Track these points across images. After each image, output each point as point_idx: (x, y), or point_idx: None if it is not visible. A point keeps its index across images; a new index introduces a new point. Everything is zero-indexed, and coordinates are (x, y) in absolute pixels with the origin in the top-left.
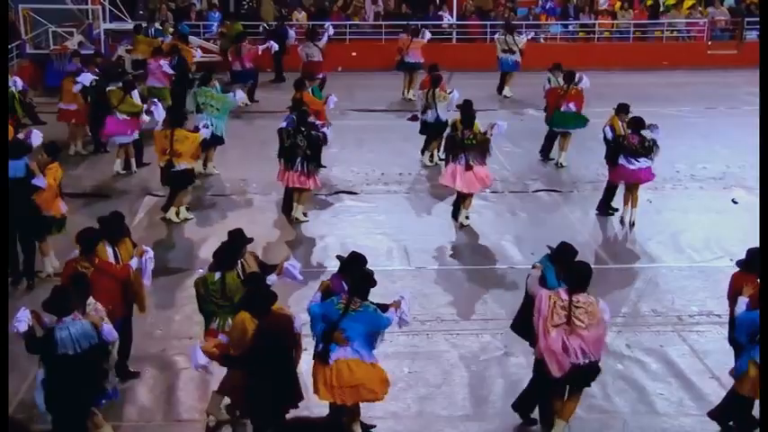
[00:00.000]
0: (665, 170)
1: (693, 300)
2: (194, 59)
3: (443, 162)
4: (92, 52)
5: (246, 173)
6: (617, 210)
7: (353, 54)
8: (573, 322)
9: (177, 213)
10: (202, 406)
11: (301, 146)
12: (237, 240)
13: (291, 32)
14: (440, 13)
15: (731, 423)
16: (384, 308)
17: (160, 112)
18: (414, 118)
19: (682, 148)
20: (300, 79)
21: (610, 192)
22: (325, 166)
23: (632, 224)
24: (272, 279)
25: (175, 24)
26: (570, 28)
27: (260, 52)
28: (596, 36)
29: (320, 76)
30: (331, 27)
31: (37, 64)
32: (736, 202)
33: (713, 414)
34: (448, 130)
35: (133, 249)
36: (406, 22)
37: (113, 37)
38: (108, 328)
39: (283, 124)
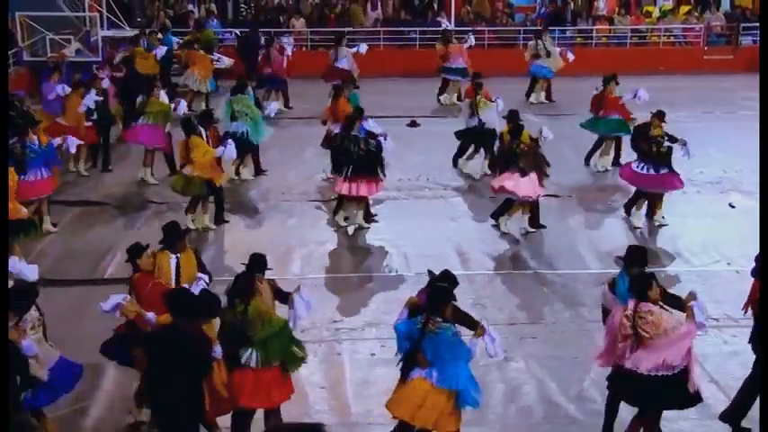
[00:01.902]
0: None
1: None
2: (217, 65)
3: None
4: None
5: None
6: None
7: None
8: (639, 333)
9: (193, 220)
10: None
11: (353, 152)
12: (254, 267)
13: (288, 40)
14: (438, 18)
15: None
16: (470, 321)
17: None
18: (413, 123)
19: (678, 153)
20: (338, 85)
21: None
22: (384, 174)
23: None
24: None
25: (163, 35)
26: (568, 34)
27: (285, 61)
28: (594, 42)
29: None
30: (364, 45)
31: (34, 72)
32: (733, 207)
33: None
34: (497, 144)
35: (194, 264)
36: (405, 29)
37: (111, 44)
38: (27, 344)
39: (337, 131)
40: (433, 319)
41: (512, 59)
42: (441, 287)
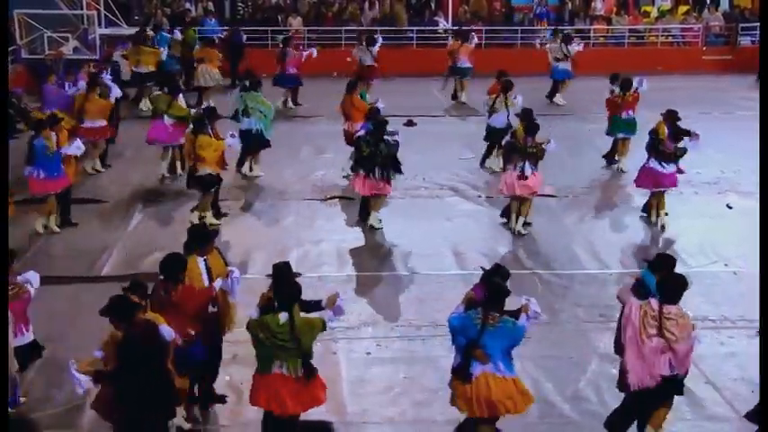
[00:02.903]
0: None
1: (688, 305)
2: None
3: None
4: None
5: (239, 179)
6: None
7: (349, 59)
8: (664, 334)
9: (201, 218)
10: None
11: (381, 154)
12: (289, 274)
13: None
14: (435, 18)
15: None
16: (515, 314)
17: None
18: (409, 123)
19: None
20: (353, 82)
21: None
22: (402, 173)
23: (662, 228)
24: (328, 315)
25: (155, 33)
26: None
27: (303, 59)
28: (591, 41)
29: (371, 80)
30: (380, 38)
31: (32, 69)
32: (730, 207)
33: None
34: (507, 138)
35: (222, 262)
36: (402, 28)
37: (109, 42)
38: None
39: (361, 132)
40: (492, 314)
41: (509, 59)
42: (500, 285)
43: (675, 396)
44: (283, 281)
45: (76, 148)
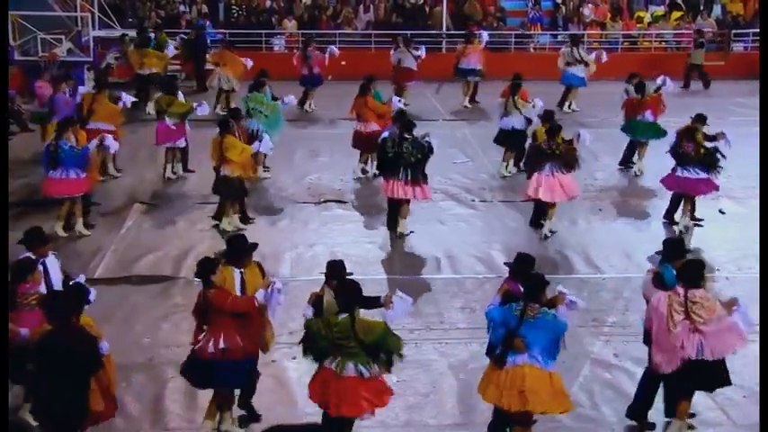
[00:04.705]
0: (652, 181)
1: None
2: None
3: (525, 173)
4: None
5: None
6: (677, 223)
7: (343, 63)
8: (692, 318)
9: (229, 222)
10: (190, 415)
11: (406, 155)
12: (345, 272)
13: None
14: (429, 23)
15: None
16: (553, 304)
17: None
18: None
19: (668, 159)
20: (365, 83)
21: (673, 202)
22: (426, 178)
23: (682, 232)
24: (388, 315)
25: (140, 36)
26: (559, 38)
27: (327, 59)
28: (585, 46)
29: (411, 83)
30: (423, 48)
31: (25, 71)
32: (723, 213)
33: None
34: (529, 141)
35: (260, 275)
36: (397, 32)
37: (102, 44)
38: None
39: (385, 133)
40: (531, 306)
41: (503, 63)
42: (537, 275)
43: (660, 399)
44: (345, 283)
45: (112, 143)
